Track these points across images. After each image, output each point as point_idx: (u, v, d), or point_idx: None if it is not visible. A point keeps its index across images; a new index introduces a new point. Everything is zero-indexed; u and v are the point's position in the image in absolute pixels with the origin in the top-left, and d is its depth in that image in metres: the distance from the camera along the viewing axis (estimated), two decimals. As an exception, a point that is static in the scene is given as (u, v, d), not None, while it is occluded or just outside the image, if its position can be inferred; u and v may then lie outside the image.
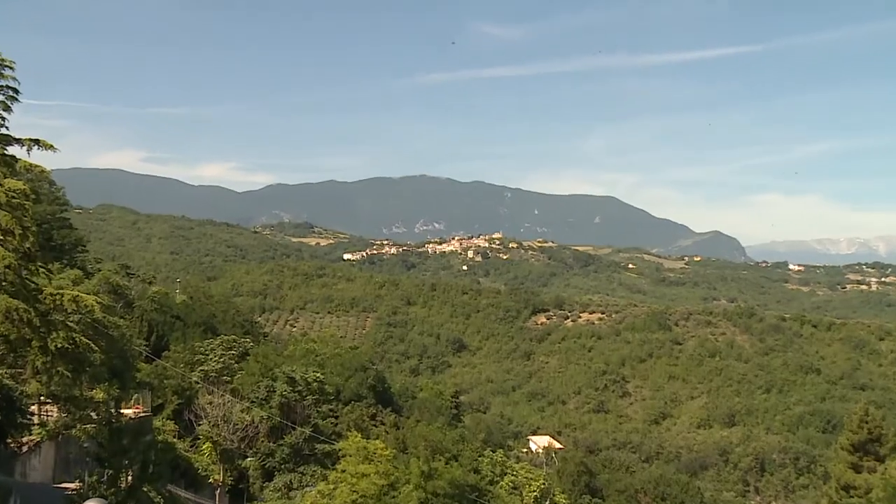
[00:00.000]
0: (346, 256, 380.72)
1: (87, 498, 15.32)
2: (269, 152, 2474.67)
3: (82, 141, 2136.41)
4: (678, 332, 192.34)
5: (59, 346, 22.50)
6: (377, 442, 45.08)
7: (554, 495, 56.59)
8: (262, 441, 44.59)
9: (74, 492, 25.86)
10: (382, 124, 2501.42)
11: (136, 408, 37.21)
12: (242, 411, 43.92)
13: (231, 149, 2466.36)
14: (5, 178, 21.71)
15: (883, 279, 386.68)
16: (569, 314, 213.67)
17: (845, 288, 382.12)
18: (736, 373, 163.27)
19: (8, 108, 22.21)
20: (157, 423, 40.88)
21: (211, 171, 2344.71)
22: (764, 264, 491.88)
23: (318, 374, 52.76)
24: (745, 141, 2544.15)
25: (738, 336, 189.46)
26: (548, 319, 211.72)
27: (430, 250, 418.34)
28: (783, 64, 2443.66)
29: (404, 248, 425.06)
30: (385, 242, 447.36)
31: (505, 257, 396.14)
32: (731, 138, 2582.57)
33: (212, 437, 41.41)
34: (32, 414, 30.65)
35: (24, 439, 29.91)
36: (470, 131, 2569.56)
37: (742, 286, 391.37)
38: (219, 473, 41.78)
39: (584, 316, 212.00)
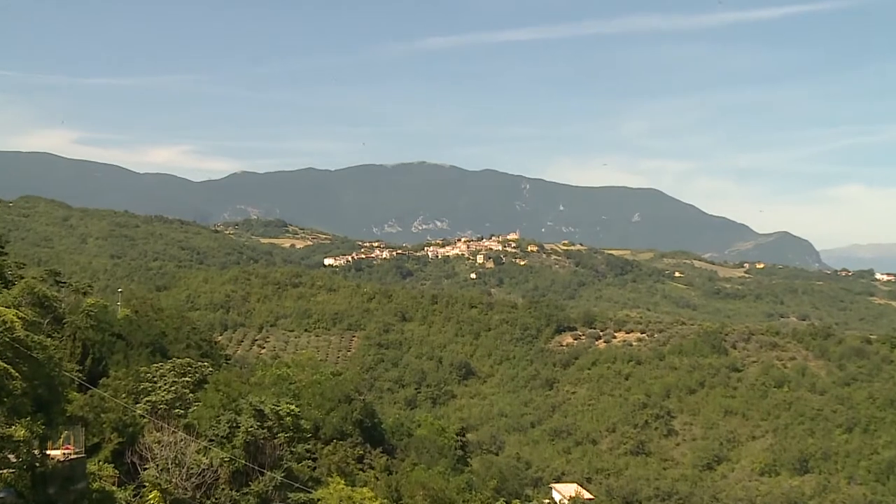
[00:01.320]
0: (327, 261, 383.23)
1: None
2: (234, 133, 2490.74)
3: (1, 118, 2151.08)
4: (736, 357, 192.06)
5: (-30, 370, 22.33)
6: (364, 490, 45.07)
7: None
8: (223, 489, 44.55)
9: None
10: (372, 100, 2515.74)
11: (66, 448, 36.96)
12: (198, 452, 43.90)
13: (186, 129, 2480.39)
14: None
15: None
16: (601, 333, 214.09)
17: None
18: (809, 407, 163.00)
19: None
20: (91, 466, 40.65)
21: (161, 156, 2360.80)
22: (844, 273, 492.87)
23: (293, 407, 53.14)
24: (821, 120, 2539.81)
25: (812, 362, 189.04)
26: (575, 340, 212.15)
27: (430, 254, 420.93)
28: (874, 22, 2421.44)
29: (399, 251, 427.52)
30: (375, 244, 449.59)
31: (522, 263, 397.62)
32: (804, 117, 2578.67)
33: (160, 485, 41.26)
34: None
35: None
36: (480, 109, 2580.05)
37: (816, 300, 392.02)
38: (168, 529, 41.56)
39: (620, 336, 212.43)
